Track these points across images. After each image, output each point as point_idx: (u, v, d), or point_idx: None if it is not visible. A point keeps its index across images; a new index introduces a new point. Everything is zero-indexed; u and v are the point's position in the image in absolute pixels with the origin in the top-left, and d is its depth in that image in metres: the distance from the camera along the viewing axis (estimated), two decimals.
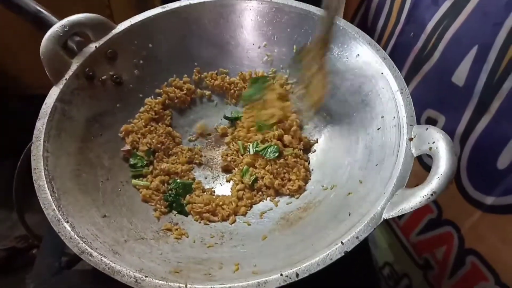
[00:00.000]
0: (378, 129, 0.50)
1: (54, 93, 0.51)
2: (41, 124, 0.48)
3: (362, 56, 0.55)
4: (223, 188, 0.59)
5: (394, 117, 0.48)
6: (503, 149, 0.46)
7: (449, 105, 0.52)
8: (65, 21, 0.53)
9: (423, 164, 0.60)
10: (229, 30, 0.63)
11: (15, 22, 0.62)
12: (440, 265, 0.60)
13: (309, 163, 0.59)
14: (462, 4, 0.48)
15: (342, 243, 0.38)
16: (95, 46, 0.55)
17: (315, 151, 0.60)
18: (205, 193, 0.57)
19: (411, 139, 0.45)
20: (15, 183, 0.61)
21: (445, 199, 0.57)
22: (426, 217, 0.62)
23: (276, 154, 0.56)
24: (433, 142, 0.41)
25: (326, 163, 0.57)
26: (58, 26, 0.52)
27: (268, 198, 0.56)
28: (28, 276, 0.57)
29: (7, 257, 0.96)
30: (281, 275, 0.37)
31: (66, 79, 0.52)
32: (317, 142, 0.61)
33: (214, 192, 0.58)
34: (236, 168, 0.59)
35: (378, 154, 0.48)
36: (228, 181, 0.59)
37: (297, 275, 0.37)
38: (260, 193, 0.56)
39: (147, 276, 0.37)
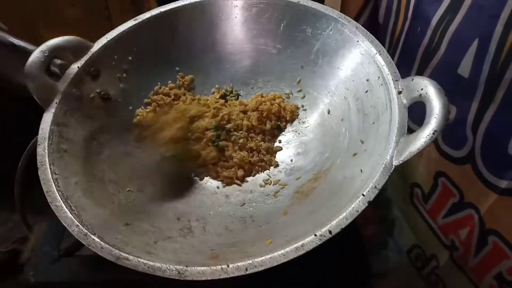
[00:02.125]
0: (366, 91, 0.53)
1: (47, 118, 0.51)
2: (42, 149, 0.48)
3: (334, 30, 0.58)
4: None
5: (378, 77, 0.51)
6: None
7: (458, 96, 0.53)
8: (44, 46, 0.53)
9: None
10: (203, 32, 0.65)
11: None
12: (464, 245, 0.63)
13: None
14: None
15: (363, 195, 0.41)
16: (77, 67, 0.56)
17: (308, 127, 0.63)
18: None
19: (400, 92, 0.48)
20: (16, 183, 0.60)
21: (466, 183, 0.59)
22: (449, 201, 0.64)
23: None
24: (422, 89, 0.45)
25: (324, 134, 0.59)
26: (37, 52, 0.52)
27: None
28: (27, 265, 0.56)
29: (9, 259, 0.93)
30: (315, 235, 0.39)
31: (56, 103, 0.52)
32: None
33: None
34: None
35: (372, 114, 0.51)
36: None
37: (330, 232, 0.39)
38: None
39: (188, 266, 0.38)
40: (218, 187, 0.58)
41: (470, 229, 0.61)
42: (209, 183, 0.59)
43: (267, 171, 0.59)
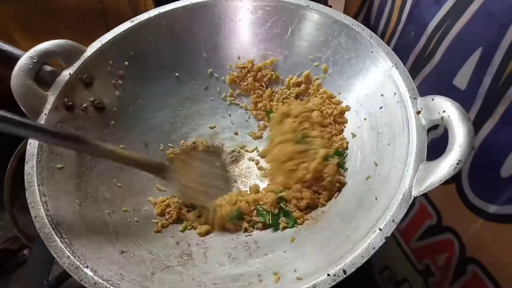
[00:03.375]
0: (380, 108, 0.50)
1: None
2: (30, 167, 0.44)
3: (347, 37, 0.54)
4: None
5: (394, 93, 0.47)
6: (508, 157, 0.45)
7: None
8: (32, 52, 0.49)
9: None
10: (203, 35, 0.61)
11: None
12: (441, 272, 0.60)
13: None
14: (466, 4, 0.46)
15: (380, 229, 0.38)
16: (69, 73, 0.51)
17: None
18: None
19: (418, 112, 0.44)
20: (5, 183, 0.58)
21: (445, 205, 0.56)
22: (425, 223, 0.61)
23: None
24: (444, 111, 0.41)
25: None
26: (25, 58, 0.48)
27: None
28: None
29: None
30: (328, 275, 0.36)
31: (45, 114, 0.48)
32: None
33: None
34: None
35: (387, 133, 0.47)
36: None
37: (344, 272, 0.36)
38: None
39: None
40: None
41: (449, 255, 0.57)
42: None
43: None
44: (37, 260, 0.53)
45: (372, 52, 0.51)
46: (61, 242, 0.39)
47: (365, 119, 0.52)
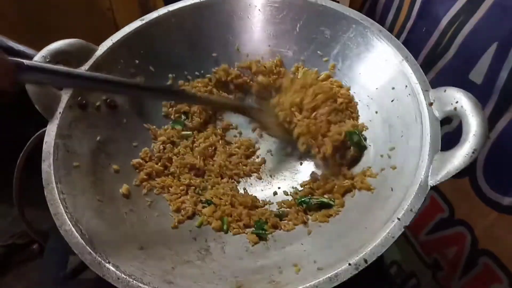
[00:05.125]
0: (392, 101, 0.50)
1: (51, 130, 0.47)
2: (47, 166, 0.45)
3: (356, 32, 0.55)
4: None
5: (406, 86, 0.48)
6: None
7: None
8: (45, 51, 0.49)
9: None
10: (215, 32, 0.61)
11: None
12: (450, 265, 0.60)
13: None
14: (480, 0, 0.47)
15: (398, 218, 0.38)
16: None
17: None
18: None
19: (431, 104, 0.45)
20: (15, 178, 0.58)
21: (458, 198, 0.56)
22: (437, 216, 0.61)
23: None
24: (457, 102, 0.42)
25: None
26: (38, 57, 0.48)
27: None
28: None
29: (7, 254, 0.93)
30: (350, 264, 0.36)
31: (60, 112, 0.48)
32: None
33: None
34: None
35: (399, 125, 0.48)
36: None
37: (365, 261, 0.36)
38: None
39: None
40: None
41: (459, 248, 0.57)
42: None
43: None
44: (53, 252, 0.53)
45: (382, 46, 0.52)
46: (81, 239, 0.40)
47: (376, 112, 0.52)
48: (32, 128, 0.46)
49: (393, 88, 0.50)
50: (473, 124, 0.39)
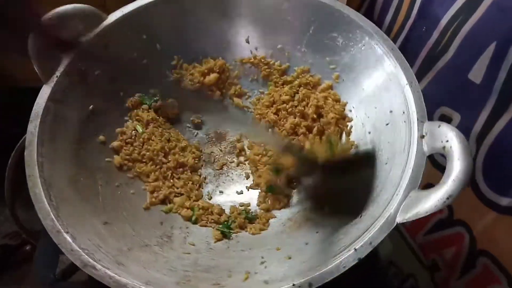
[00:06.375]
0: (387, 124, 0.48)
1: (45, 92, 0.48)
2: (33, 127, 0.46)
3: (367, 46, 0.53)
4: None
5: (403, 112, 0.46)
6: None
7: (465, 103, 0.50)
8: (52, 13, 0.49)
9: (433, 162, 0.58)
10: (227, 18, 0.60)
11: None
12: (448, 266, 0.59)
13: None
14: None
15: (355, 249, 0.37)
16: (86, 40, 0.52)
17: None
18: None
19: (422, 137, 0.43)
20: (6, 178, 0.59)
21: (458, 198, 0.55)
22: (435, 217, 0.60)
23: None
24: (447, 141, 0.40)
25: None
26: (46, 20, 0.49)
27: None
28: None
29: (0, 255, 0.94)
30: (293, 285, 0.36)
31: (57, 76, 0.49)
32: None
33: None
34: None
35: (387, 152, 0.46)
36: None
37: (310, 285, 0.36)
38: None
39: None
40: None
41: (457, 248, 0.57)
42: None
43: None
44: (44, 254, 0.54)
45: (391, 66, 0.49)
46: (48, 204, 0.41)
47: (369, 133, 0.51)
48: (23, 127, 0.45)
49: (390, 112, 0.48)
50: (456, 169, 0.37)
